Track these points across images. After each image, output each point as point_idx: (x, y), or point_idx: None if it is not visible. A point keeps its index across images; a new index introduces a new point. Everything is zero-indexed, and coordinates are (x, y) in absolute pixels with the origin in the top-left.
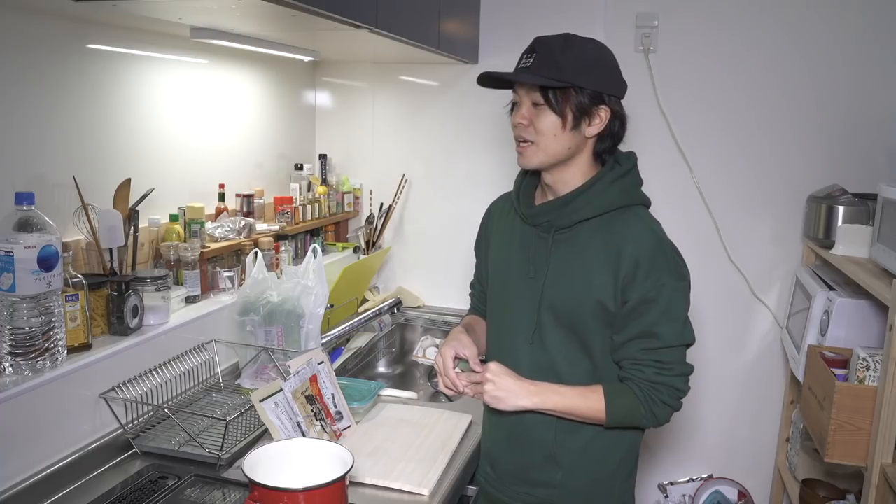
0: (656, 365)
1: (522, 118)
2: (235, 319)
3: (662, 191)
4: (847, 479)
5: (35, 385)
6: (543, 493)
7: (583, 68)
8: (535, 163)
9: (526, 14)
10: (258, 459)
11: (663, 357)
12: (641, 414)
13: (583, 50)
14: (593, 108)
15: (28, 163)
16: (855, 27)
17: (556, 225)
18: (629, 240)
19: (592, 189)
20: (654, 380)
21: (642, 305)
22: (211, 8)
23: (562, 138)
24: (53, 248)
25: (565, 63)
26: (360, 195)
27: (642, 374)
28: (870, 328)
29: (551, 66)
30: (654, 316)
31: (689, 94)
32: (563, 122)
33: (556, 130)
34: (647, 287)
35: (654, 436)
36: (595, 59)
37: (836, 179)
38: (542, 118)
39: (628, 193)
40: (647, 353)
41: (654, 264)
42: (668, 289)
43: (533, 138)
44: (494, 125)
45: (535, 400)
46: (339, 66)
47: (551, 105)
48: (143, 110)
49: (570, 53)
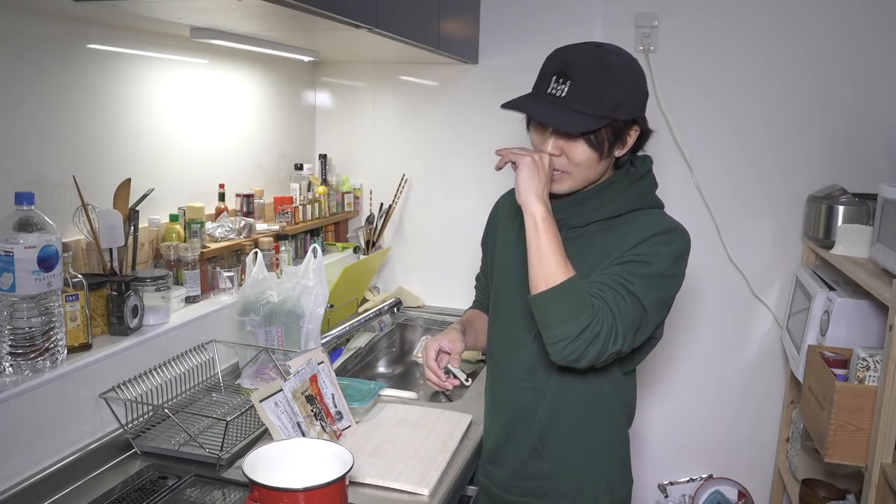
0: (617, 296)
1: (555, 150)
2: (235, 319)
3: (662, 191)
4: (847, 479)
5: (35, 385)
6: (535, 485)
7: (623, 100)
8: (566, 189)
9: (526, 14)
10: (258, 459)
11: (626, 297)
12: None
13: (622, 77)
14: (626, 131)
15: (28, 163)
16: (855, 27)
17: (568, 224)
18: (640, 227)
19: (608, 191)
20: (610, 305)
21: (633, 262)
22: (211, 8)
23: (596, 168)
24: (53, 248)
25: (605, 96)
26: (360, 195)
27: (603, 294)
28: (870, 328)
29: (591, 100)
30: (639, 270)
31: (689, 94)
32: (599, 153)
33: (592, 161)
34: (644, 249)
35: (655, 436)
36: (632, 85)
37: (836, 179)
38: (577, 150)
39: (643, 197)
40: (616, 284)
41: (658, 238)
42: (664, 263)
43: (567, 169)
44: (495, 125)
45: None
46: (339, 66)
47: (590, 142)
48: (143, 110)
49: (609, 84)
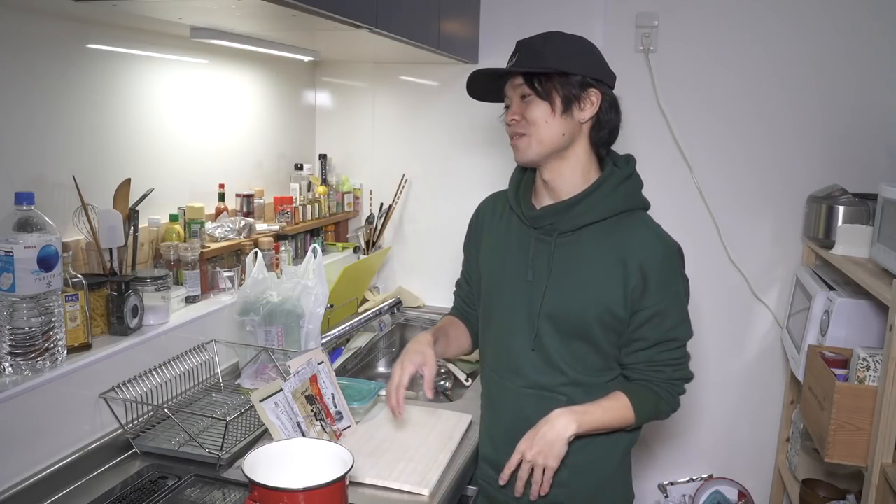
0: (674, 363)
1: (514, 114)
2: (235, 319)
3: (662, 191)
4: (847, 479)
5: (35, 385)
6: (551, 492)
7: (565, 55)
8: (532, 154)
9: (526, 14)
10: (258, 459)
11: (679, 355)
12: (663, 410)
13: (564, 40)
14: (582, 92)
15: (28, 163)
16: (856, 27)
17: (559, 228)
18: (637, 248)
19: (597, 193)
20: (674, 377)
21: (658, 316)
22: (211, 8)
23: (553, 124)
24: (53, 248)
25: (547, 53)
26: (360, 195)
27: (662, 375)
28: (870, 328)
29: (534, 58)
30: (671, 322)
31: (689, 94)
32: (551, 108)
33: (547, 117)
34: (660, 298)
35: (655, 436)
36: (577, 47)
37: (836, 179)
38: (532, 108)
39: (631, 197)
40: (666, 355)
41: (664, 274)
42: (680, 295)
43: (525, 130)
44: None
45: (579, 422)
46: (339, 66)
47: (537, 92)
48: (143, 110)
49: (550, 45)
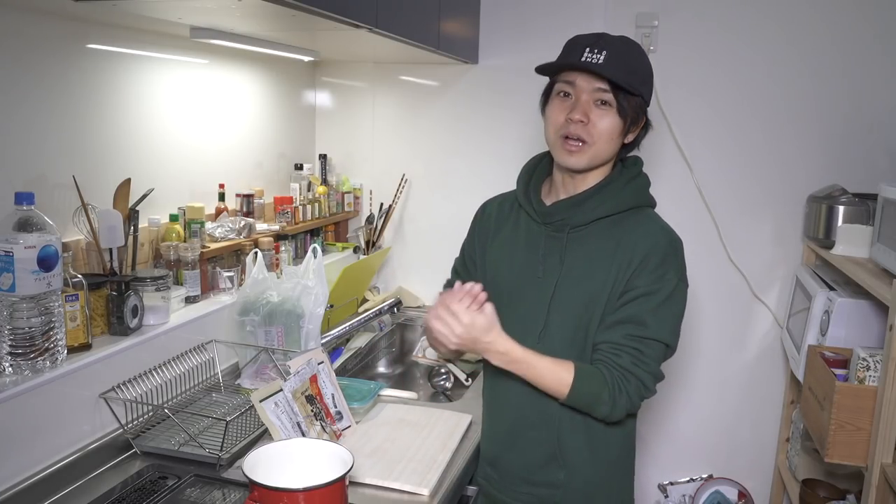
0: (634, 353)
1: (583, 116)
2: (235, 319)
3: (662, 190)
4: (847, 479)
5: (35, 385)
6: (546, 492)
7: (647, 77)
8: (582, 165)
9: (526, 14)
10: (258, 459)
11: (643, 347)
12: (603, 400)
13: (641, 56)
14: (642, 115)
15: (28, 163)
16: (855, 27)
17: (570, 223)
18: (641, 238)
19: (607, 189)
20: (629, 368)
21: (643, 297)
22: (211, 8)
23: (615, 142)
24: (53, 248)
25: (638, 69)
26: (360, 195)
27: (618, 360)
28: (870, 328)
29: (627, 69)
30: (649, 305)
31: (689, 94)
32: (622, 127)
33: (615, 133)
34: (651, 279)
35: (655, 436)
36: (650, 70)
37: (836, 179)
38: (605, 119)
39: (640, 194)
40: (629, 340)
41: (663, 260)
42: (670, 285)
43: (588, 138)
44: (494, 125)
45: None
46: (339, 66)
47: (621, 108)
48: (143, 110)
49: (638, 60)
